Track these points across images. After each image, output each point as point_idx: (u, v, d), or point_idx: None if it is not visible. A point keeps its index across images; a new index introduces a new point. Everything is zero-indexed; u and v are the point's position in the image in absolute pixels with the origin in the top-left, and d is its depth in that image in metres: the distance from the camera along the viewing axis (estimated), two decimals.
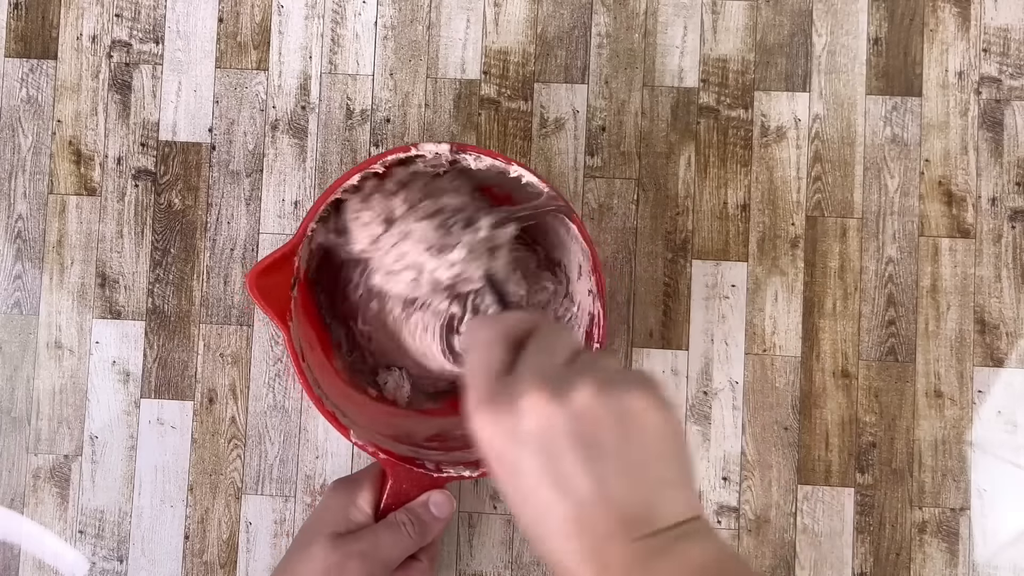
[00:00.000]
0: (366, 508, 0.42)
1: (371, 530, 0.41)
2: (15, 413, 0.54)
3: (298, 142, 0.55)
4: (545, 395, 0.27)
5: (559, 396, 0.27)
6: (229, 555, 0.53)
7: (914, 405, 0.53)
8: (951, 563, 0.52)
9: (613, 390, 0.27)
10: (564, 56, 0.55)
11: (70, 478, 0.53)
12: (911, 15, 0.55)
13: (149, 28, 0.55)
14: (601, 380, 0.28)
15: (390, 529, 0.41)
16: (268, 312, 0.39)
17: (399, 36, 0.55)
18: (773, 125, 0.54)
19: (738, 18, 0.55)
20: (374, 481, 0.44)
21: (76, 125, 0.55)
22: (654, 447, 0.27)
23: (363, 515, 0.42)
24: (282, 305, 0.41)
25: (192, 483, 0.53)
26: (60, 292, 0.54)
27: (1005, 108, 0.54)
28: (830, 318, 0.53)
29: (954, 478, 0.52)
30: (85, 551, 0.53)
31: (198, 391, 0.53)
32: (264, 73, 0.55)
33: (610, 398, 0.27)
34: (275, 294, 0.40)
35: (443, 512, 0.43)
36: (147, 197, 0.54)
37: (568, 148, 0.54)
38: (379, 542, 0.41)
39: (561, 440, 0.27)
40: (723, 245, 0.54)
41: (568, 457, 0.26)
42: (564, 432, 0.27)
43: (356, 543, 0.40)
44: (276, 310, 0.40)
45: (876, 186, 0.54)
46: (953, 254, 0.53)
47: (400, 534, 0.41)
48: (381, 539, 0.41)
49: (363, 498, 0.43)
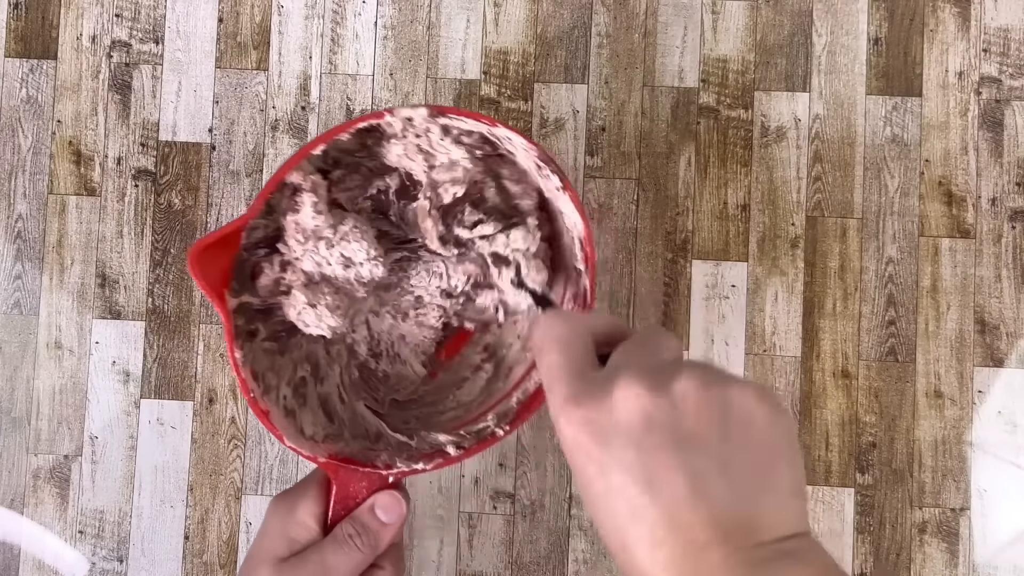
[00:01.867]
0: (310, 523, 0.38)
1: (317, 550, 0.37)
2: (15, 413, 0.54)
3: (298, 142, 0.55)
4: (644, 384, 0.24)
5: (659, 387, 0.24)
6: (229, 555, 0.53)
7: (914, 405, 0.53)
8: (951, 563, 0.52)
9: (720, 384, 0.24)
10: (564, 56, 0.55)
11: (70, 478, 0.53)
12: (911, 15, 0.55)
13: (149, 28, 0.55)
14: (708, 374, 0.25)
15: (337, 545, 0.37)
16: (205, 289, 0.36)
17: (399, 36, 0.55)
18: (773, 125, 0.54)
19: (738, 18, 0.55)
20: (318, 489, 0.39)
21: (76, 125, 0.55)
22: (762, 449, 0.24)
23: (307, 531, 0.37)
24: (220, 282, 0.37)
25: (192, 483, 0.53)
26: (60, 292, 0.54)
27: (1005, 108, 0.54)
28: (830, 318, 0.53)
29: (954, 478, 0.52)
30: (85, 551, 0.53)
31: (198, 391, 0.53)
32: (264, 73, 0.55)
33: (716, 391, 0.24)
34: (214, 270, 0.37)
35: (392, 516, 0.38)
36: (147, 197, 0.54)
37: (568, 148, 0.54)
38: (327, 563, 0.36)
39: (657, 433, 0.24)
40: (723, 245, 0.54)
41: (664, 452, 0.24)
42: (661, 424, 0.24)
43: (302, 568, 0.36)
44: (214, 287, 0.37)
45: (876, 186, 0.54)
46: (953, 254, 0.53)
47: (349, 549, 0.37)
48: (329, 559, 0.36)
49: (305, 511, 0.38)
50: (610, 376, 0.26)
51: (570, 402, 0.26)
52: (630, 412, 0.24)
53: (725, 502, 0.23)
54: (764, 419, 0.24)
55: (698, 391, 0.24)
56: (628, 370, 0.25)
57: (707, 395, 0.24)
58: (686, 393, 0.24)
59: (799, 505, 0.25)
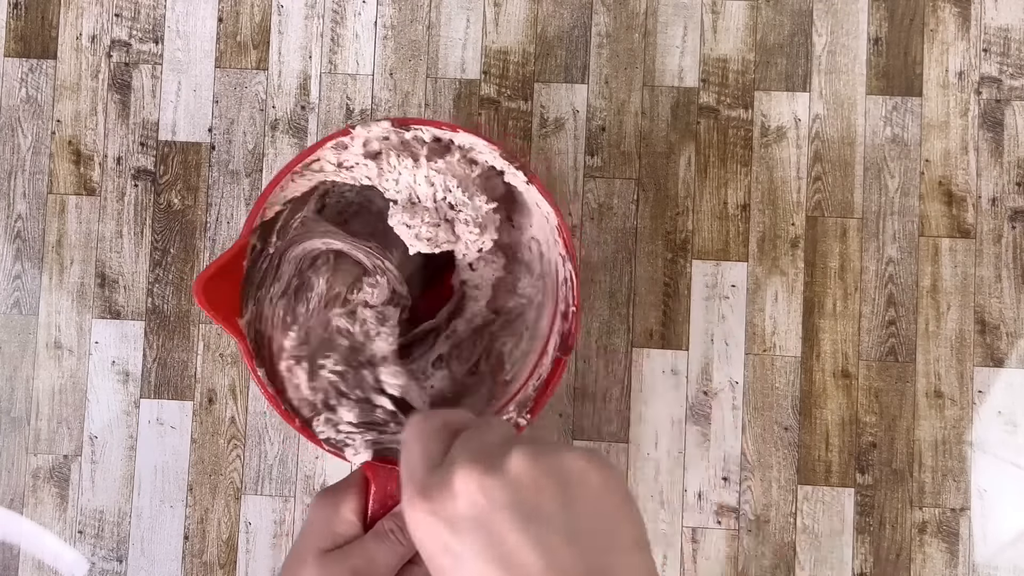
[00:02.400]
0: (352, 518, 0.40)
1: (360, 543, 0.39)
2: (15, 413, 0.54)
3: (298, 142, 0.54)
4: (478, 470, 0.26)
5: (493, 469, 0.26)
6: (229, 555, 0.53)
7: (914, 405, 0.53)
8: (951, 563, 0.52)
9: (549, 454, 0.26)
10: (564, 56, 0.55)
11: (70, 478, 0.53)
12: (911, 15, 0.55)
13: (149, 28, 0.55)
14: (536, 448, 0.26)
15: (379, 540, 0.39)
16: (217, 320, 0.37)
17: (399, 36, 0.55)
18: (773, 125, 0.54)
19: (738, 18, 0.55)
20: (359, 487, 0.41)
21: (76, 125, 0.55)
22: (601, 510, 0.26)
23: (350, 526, 0.40)
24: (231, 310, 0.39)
25: (192, 483, 0.53)
26: (60, 292, 0.54)
27: (1005, 108, 0.54)
28: (830, 318, 0.53)
29: (954, 478, 0.52)
30: (85, 551, 0.53)
31: (198, 391, 0.53)
32: (264, 73, 0.55)
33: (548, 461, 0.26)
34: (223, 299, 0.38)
35: None
36: (147, 197, 0.54)
37: (568, 148, 0.54)
38: (370, 555, 0.38)
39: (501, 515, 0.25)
40: (723, 245, 0.54)
41: (511, 533, 0.25)
42: (503, 505, 0.25)
43: (346, 560, 0.38)
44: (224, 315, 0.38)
45: (876, 186, 0.54)
46: (953, 254, 0.53)
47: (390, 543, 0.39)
48: (371, 552, 0.38)
49: (348, 507, 0.40)
50: (449, 468, 0.27)
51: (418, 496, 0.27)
52: (472, 498, 0.26)
53: (576, 568, 0.24)
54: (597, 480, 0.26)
55: (531, 466, 0.25)
56: (463, 459, 0.27)
57: (540, 468, 0.25)
58: (519, 470, 0.25)
59: (647, 558, 0.26)
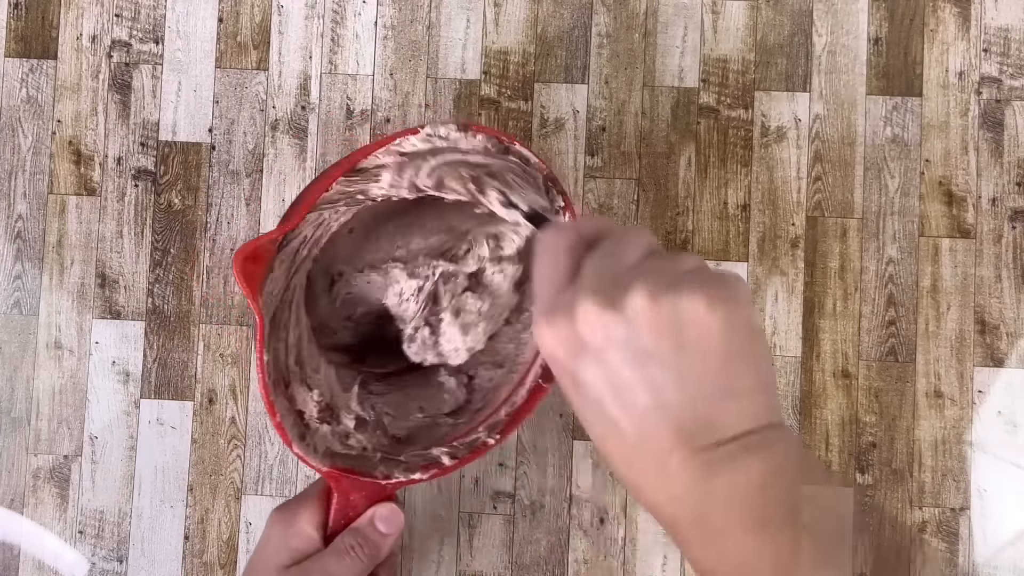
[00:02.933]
0: (311, 532, 0.39)
1: (319, 558, 0.39)
2: (15, 413, 0.54)
3: (298, 142, 0.55)
4: (598, 303, 0.26)
5: (612, 304, 0.25)
6: (229, 555, 0.53)
7: (914, 405, 0.53)
8: (951, 563, 0.52)
9: (670, 294, 0.25)
10: (564, 56, 0.55)
11: (70, 478, 0.53)
12: (911, 15, 0.55)
13: (149, 28, 0.55)
14: (660, 283, 0.25)
15: (339, 556, 0.39)
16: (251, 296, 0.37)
17: (399, 36, 0.55)
18: (773, 125, 0.54)
19: (738, 18, 0.55)
20: (319, 499, 0.41)
21: (76, 125, 0.55)
22: (716, 354, 0.25)
23: (309, 541, 0.39)
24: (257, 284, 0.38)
25: (192, 483, 0.53)
26: (60, 292, 0.54)
27: (1005, 108, 0.54)
28: (830, 318, 0.53)
29: (954, 478, 0.52)
30: (85, 551, 0.53)
31: (198, 391, 0.53)
32: (264, 73, 0.55)
33: (666, 303, 0.25)
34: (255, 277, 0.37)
35: (391, 527, 0.40)
36: (147, 197, 0.54)
37: (568, 148, 0.54)
38: (329, 572, 0.38)
39: (616, 350, 0.25)
40: (723, 245, 0.54)
41: (624, 368, 0.25)
42: (619, 341, 0.25)
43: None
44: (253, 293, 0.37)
45: (876, 186, 0.54)
46: (953, 254, 0.53)
47: (350, 559, 0.38)
48: (330, 568, 0.38)
49: (306, 520, 0.39)
50: (573, 295, 0.27)
51: (544, 318, 0.28)
52: (590, 332, 0.26)
53: (683, 410, 0.25)
54: (717, 323, 0.25)
55: (649, 306, 0.25)
56: (586, 288, 0.27)
57: (658, 309, 0.25)
58: (637, 309, 0.25)
59: (762, 400, 0.26)
